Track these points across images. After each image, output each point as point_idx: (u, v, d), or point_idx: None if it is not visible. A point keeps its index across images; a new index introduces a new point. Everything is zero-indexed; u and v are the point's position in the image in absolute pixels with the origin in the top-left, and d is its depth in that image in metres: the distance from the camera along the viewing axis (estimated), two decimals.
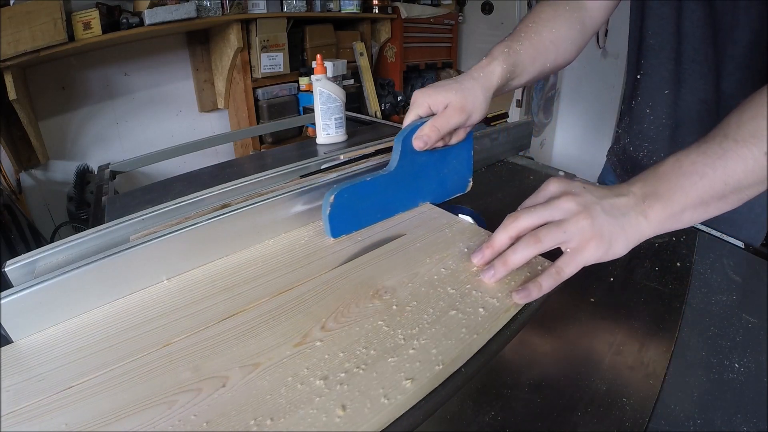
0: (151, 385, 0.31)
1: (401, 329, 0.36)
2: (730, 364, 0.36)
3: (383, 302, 0.40)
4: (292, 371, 0.32)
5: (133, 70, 1.87)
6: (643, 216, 0.39)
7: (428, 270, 0.44)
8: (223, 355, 0.34)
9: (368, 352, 0.34)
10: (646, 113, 0.67)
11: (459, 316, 0.38)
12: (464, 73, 0.54)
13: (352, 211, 0.51)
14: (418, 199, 0.58)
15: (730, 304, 0.43)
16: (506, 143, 0.78)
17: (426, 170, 0.56)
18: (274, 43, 1.99)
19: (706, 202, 0.38)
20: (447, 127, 0.51)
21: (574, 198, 0.39)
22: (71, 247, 0.44)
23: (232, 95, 2.08)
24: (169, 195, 0.66)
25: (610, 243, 0.38)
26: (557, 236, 0.38)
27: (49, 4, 1.34)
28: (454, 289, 0.41)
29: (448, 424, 0.30)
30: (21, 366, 0.34)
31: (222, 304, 0.40)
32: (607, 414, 0.31)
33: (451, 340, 0.35)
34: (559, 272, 0.39)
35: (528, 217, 0.40)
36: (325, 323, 0.37)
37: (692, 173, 0.38)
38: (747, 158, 0.37)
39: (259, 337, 0.36)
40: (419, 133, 0.51)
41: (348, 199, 0.50)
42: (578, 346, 0.37)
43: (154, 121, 1.99)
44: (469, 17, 3.10)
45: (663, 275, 0.47)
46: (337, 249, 0.48)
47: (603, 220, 0.38)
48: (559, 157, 3.13)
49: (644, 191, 0.39)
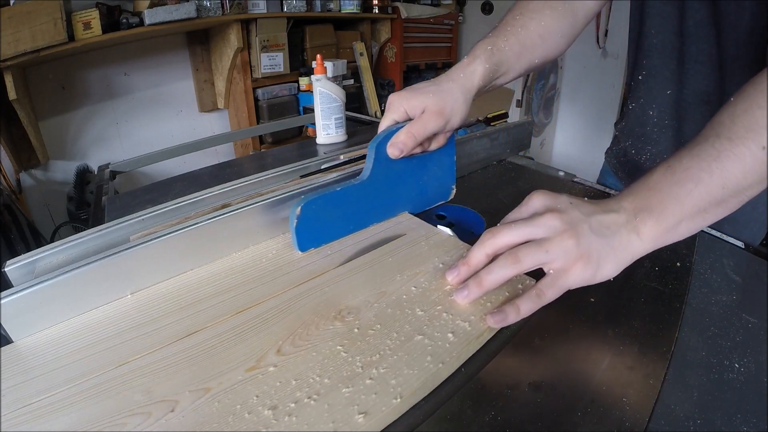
0: (104, 407, 0.30)
1: (360, 356, 0.34)
2: (730, 364, 0.36)
3: (345, 324, 0.37)
4: (242, 398, 0.30)
5: (133, 70, 1.87)
6: (635, 233, 0.36)
7: (397, 288, 0.41)
8: (175, 378, 0.32)
9: (322, 381, 0.32)
10: (648, 115, 0.66)
11: (425, 342, 0.35)
12: (444, 73, 0.51)
13: (321, 224, 0.48)
14: (395, 209, 0.55)
15: (730, 304, 0.43)
16: (506, 143, 0.78)
17: (403, 178, 0.53)
18: (274, 43, 1.99)
19: (704, 209, 0.35)
20: (424, 133, 0.48)
21: (560, 215, 0.36)
22: (71, 247, 0.44)
23: (232, 95, 2.09)
24: (169, 195, 0.66)
25: (598, 264, 0.35)
26: (538, 256, 0.35)
27: (49, 4, 1.34)
28: (423, 310, 0.38)
29: (448, 424, 0.30)
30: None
31: (183, 321, 0.38)
32: (607, 414, 0.31)
33: (413, 370, 0.32)
34: (540, 295, 0.36)
35: (507, 234, 0.37)
36: (282, 346, 0.35)
37: (686, 180, 0.35)
38: (744, 156, 0.34)
39: (213, 359, 0.34)
40: (394, 140, 0.48)
41: (316, 211, 0.47)
42: (578, 346, 0.37)
43: (154, 121, 1.99)
44: (469, 17, 3.10)
45: (663, 275, 0.47)
46: (305, 264, 0.46)
47: (590, 239, 0.35)
48: (559, 157, 3.14)
49: (635, 205, 0.36)
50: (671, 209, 0.35)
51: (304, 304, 0.40)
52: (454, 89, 0.49)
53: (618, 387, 0.33)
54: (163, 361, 0.34)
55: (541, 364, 0.35)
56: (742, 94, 0.37)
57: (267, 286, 0.42)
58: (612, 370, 0.35)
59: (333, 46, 2.25)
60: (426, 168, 0.55)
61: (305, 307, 0.39)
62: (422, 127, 0.48)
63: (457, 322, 0.37)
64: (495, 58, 0.51)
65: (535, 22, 0.55)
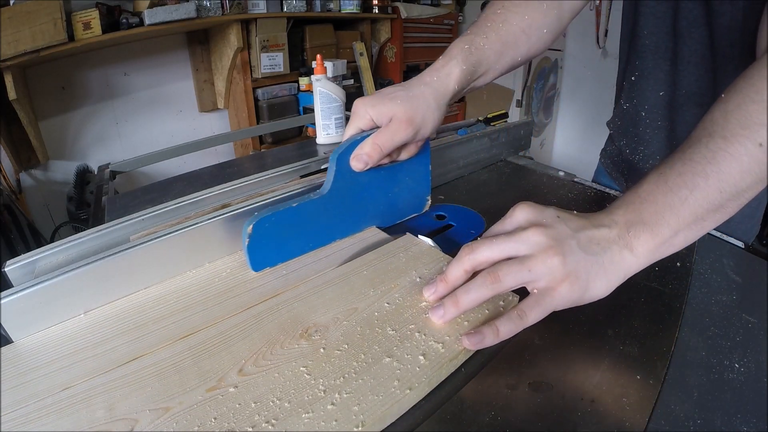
0: (67, 422, 0.30)
1: (324, 378, 0.32)
2: (730, 364, 0.36)
3: (311, 344, 0.35)
4: (200, 420, 0.29)
5: (133, 70, 1.87)
6: (628, 249, 0.34)
7: (369, 305, 0.39)
8: (138, 395, 0.32)
9: (282, 405, 0.30)
10: (641, 116, 0.66)
11: (394, 365, 0.33)
12: (416, 76, 0.47)
13: (276, 242, 0.44)
14: (361, 223, 0.51)
15: (730, 304, 0.43)
16: (506, 143, 0.78)
17: (370, 191, 0.49)
18: (274, 43, 2.00)
19: (701, 217, 0.33)
20: (391, 144, 0.44)
21: (545, 230, 0.34)
22: (71, 247, 0.44)
23: (232, 95, 2.09)
24: (169, 195, 0.66)
25: (587, 284, 0.33)
26: (520, 275, 0.33)
27: (49, 4, 1.34)
28: (395, 329, 0.36)
29: (448, 424, 0.30)
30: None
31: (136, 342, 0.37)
32: (607, 414, 0.31)
33: (378, 396, 0.30)
34: (521, 317, 0.33)
35: (487, 249, 0.35)
36: (244, 366, 0.33)
37: (681, 187, 0.33)
38: (741, 156, 0.32)
39: (179, 375, 0.33)
40: (358, 151, 0.44)
41: (270, 229, 0.43)
42: (578, 346, 0.37)
43: (154, 121, 1.99)
44: (469, 17, 3.10)
45: (663, 275, 0.47)
46: (257, 285, 0.43)
47: (578, 257, 0.33)
48: (559, 157, 3.14)
49: (627, 218, 0.34)
50: (666, 220, 0.33)
51: (270, 321, 0.38)
52: (425, 94, 0.45)
53: (618, 387, 0.33)
54: (127, 377, 0.33)
55: (541, 364, 0.35)
56: (733, 89, 0.35)
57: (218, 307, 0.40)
58: (612, 370, 0.35)
59: (333, 46, 2.25)
60: (396, 179, 0.51)
61: (272, 324, 0.37)
62: (389, 138, 0.44)
63: (430, 342, 0.35)
64: (473, 58, 0.47)
65: (518, 16, 0.50)
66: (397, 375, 0.32)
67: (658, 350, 0.37)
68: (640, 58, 0.63)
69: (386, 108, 0.44)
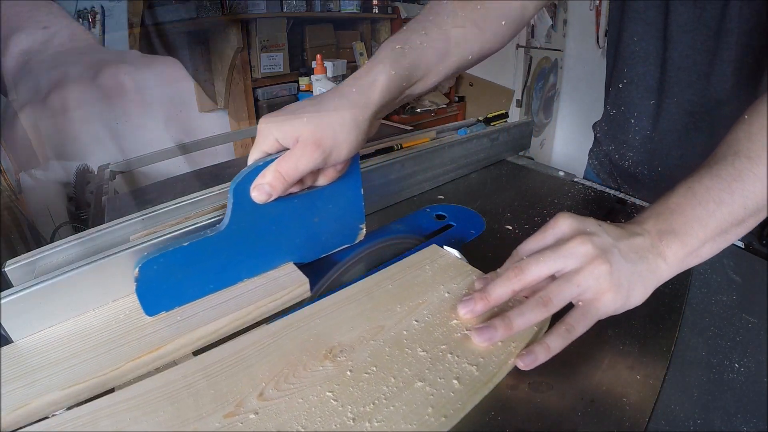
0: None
1: (352, 405, 0.30)
2: (730, 364, 0.36)
3: (336, 365, 0.33)
4: None
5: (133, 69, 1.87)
6: (661, 258, 0.34)
7: (397, 323, 0.36)
8: (149, 419, 0.29)
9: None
10: (630, 123, 0.64)
11: (426, 390, 0.31)
12: (335, 86, 0.40)
13: (170, 284, 0.39)
14: (273, 260, 0.44)
15: (730, 304, 0.43)
16: (506, 143, 0.78)
17: (283, 223, 0.42)
18: (273, 43, 2.00)
19: (725, 230, 0.35)
20: (295, 172, 0.37)
21: (590, 239, 0.34)
22: (71, 247, 0.44)
23: (232, 95, 2.08)
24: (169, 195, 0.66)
25: (628, 292, 0.34)
26: (569, 292, 0.33)
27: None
28: (425, 350, 0.34)
29: None
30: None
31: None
32: (607, 414, 0.31)
33: (411, 425, 0.28)
34: (570, 331, 0.33)
35: (535, 269, 0.34)
36: (265, 389, 0.31)
37: (708, 201, 0.34)
38: (764, 177, 0.34)
39: (193, 399, 0.30)
40: (259, 180, 0.37)
41: (161, 271, 0.38)
42: (578, 346, 0.37)
43: (154, 121, 1.99)
44: None
45: None
46: (151, 331, 0.37)
47: (622, 266, 0.33)
48: (559, 157, 3.14)
49: (659, 228, 0.35)
50: (695, 231, 0.34)
51: (290, 339, 0.35)
52: (341, 110, 0.37)
53: (618, 387, 0.33)
54: (139, 398, 0.31)
55: (541, 364, 0.35)
56: (755, 111, 0.37)
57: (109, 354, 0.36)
58: (612, 370, 0.35)
59: (333, 46, 2.25)
60: (315, 207, 0.44)
61: (292, 343, 0.35)
62: (293, 165, 0.37)
63: (463, 365, 0.33)
64: (406, 61, 0.40)
65: (469, 5, 0.43)
66: (431, 401, 0.30)
67: (658, 350, 0.37)
68: (628, 65, 0.62)
69: (291, 128, 0.37)
